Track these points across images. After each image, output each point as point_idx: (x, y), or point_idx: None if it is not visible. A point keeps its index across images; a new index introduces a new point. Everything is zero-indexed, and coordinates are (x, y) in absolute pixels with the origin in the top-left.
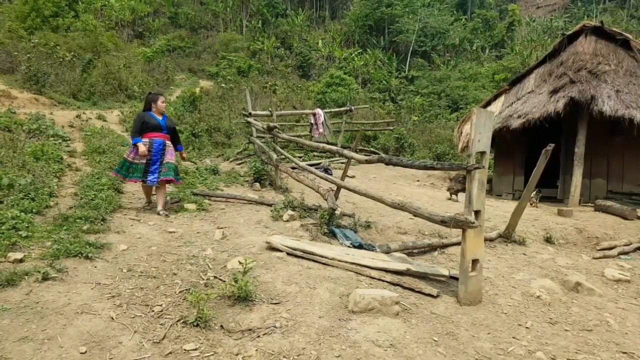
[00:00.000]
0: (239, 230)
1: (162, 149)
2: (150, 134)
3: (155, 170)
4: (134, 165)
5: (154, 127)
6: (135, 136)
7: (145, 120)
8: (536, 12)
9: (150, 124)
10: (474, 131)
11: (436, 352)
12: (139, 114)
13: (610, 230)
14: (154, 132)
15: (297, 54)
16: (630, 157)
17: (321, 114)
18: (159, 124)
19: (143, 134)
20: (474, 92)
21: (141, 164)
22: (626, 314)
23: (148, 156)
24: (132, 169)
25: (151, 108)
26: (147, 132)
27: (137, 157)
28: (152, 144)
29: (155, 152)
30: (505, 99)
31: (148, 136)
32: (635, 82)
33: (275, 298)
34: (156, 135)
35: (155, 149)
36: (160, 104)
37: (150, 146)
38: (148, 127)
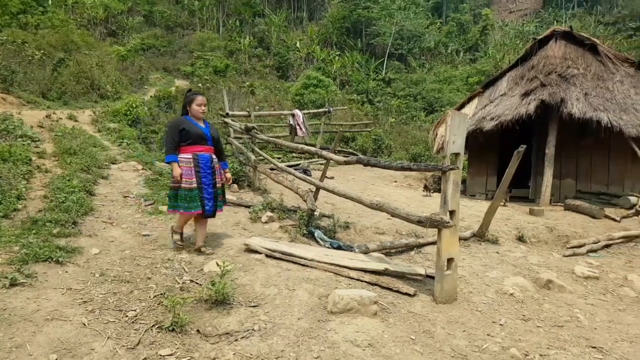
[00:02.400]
0: (216, 232)
1: (212, 166)
2: (193, 147)
3: (210, 196)
4: (189, 193)
5: (198, 138)
6: (170, 152)
7: (185, 128)
8: (508, 17)
9: (192, 133)
10: (449, 133)
11: (413, 351)
12: (173, 120)
13: (580, 229)
14: (198, 144)
15: (275, 54)
16: (598, 158)
17: (300, 115)
18: (203, 133)
19: (181, 148)
20: (448, 94)
21: (194, 188)
22: (595, 309)
23: (185, 182)
24: (189, 197)
25: (188, 111)
26: (188, 144)
27: (187, 179)
28: (197, 160)
29: (203, 171)
30: (478, 101)
31: (190, 150)
32: (602, 85)
33: (254, 301)
34: (201, 148)
35: (203, 167)
36: (196, 106)
37: (195, 164)
38: (189, 138)
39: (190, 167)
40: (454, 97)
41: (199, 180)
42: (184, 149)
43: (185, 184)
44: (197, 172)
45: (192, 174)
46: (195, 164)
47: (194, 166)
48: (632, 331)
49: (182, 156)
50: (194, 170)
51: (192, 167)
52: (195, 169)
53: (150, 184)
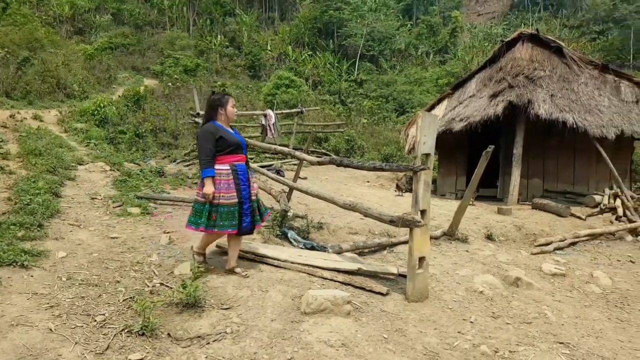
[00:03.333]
0: (187, 235)
1: (248, 177)
2: (230, 156)
3: (248, 211)
4: (228, 209)
5: (235, 146)
6: (209, 165)
7: (223, 136)
8: (477, 19)
9: (230, 142)
10: (420, 134)
11: (386, 349)
12: (205, 127)
13: (547, 227)
14: (235, 153)
15: (246, 53)
16: (564, 158)
17: (272, 116)
18: (239, 141)
19: (217, 158)
20: (419, 96)
21: (235, 204)
22: (562, 306)
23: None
24: (228, 214)
25: (216, 116)
26: (225, 154)
27: (226, 193)
28: (236, 172)
29: (243, 184)
30: (448, 102)
31: (227, 160)
32: (567, 87)
33: (226, 303)
34: (238, 158)
35: (242, 179)
36: (231, 108)
37: (234, 176)
38: (227, 147)
39: (229, 179)
40: (424, 99)
41: (240, 195)
42: (220, 160)
43: (223, 199)
44: (237, 185)
45: (232, 188)
46: (235, 176)
47: (233, 178)
48: (597, 326)
49: (219, 168)
50: (234, 183)
51: (232, 179)
52: (235, 181)
53: (119, 186)
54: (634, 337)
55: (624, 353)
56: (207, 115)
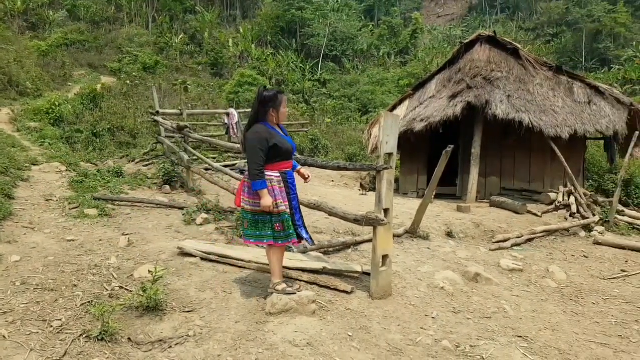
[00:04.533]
0: (147, 237)
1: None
2: (281, 163)
3: (301, 221)
4: (286, 216)
5: (288, 154)
6: (261, 176)
7: (277, 144)
8: (437, 21)
9: (283, 150)
10: (382, 134)
11: (351, 347)
12: (257, 130)
13: (504, 224)
14: (286, 160)
15: (208, 51)
16: (521, 157)
17: (235, 115)
18: (292, 148)
19: (267, 166)
20: (381, 96)
21: (284, 212)
22: (520, 300)
23: (276, 207)
24: (285, 222)
25: (267, 116)
26: (277, 161)
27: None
28: (286, 181)
29: (293, 192)
30: (409, 103)
31: (277, 168)
32: (524, 88)
33: (189, 306)
34: (288, 165)
35: (292, 187)
36: (284, 110)
37: (285, 184)
38: (280, 155)
39: (281, 187)
40: (386, 99)
41: (290, 204)
42: (270, 167)
43: (283, 206)
44: (288, 194)
45: (284, 196)
46: (285, 185)
47: (284, 187)
48: (553, 320)
49: (269, 174)
50: (285, 191)
51: (283, 187)
52: (286, 190)
53: (75, 186)
54: (588, 329)
55: (579, 345)
56: (256, 113)
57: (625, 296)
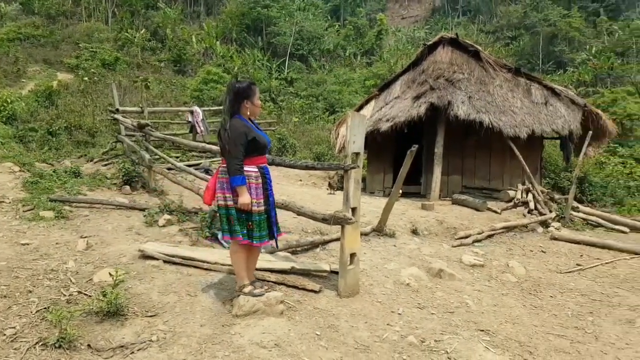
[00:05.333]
0: (106, 239)
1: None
2: (259, 158)
3: (275, 219)
4: (257, 217)
5: (265, 147)
6: (241, 171)
7: (256, 138)
8: (401, 23)
9: (262, 143)
10: (349, 133)
11: (319, 346)
12: (235, 125)
13: (466, 221)
14: (263, 155)
15: (170, 48)
16: (481, 156)
17: (199, 112)
18: (268, 142)
19: (245, 160)
20: (348, 96)
21: (262, 212)
22: (481, 295)
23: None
24: (257, 222)
25: (241, 109)
26: (255, 156)
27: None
28: (264, 176)
29: (270, 189)
30: (375, 103)
31: (255, 163)
32: (484, 89)
33: (151, 310)
34: (264, 160)
35: (269, 183)
36: (258, 101)
37: (263, 181)
38: (258, 149)
39: (258, 183)
40: (353, 99)
41: (267, 200)
42: (248, 162)
43: (255, 206)
44: (265, 191)
45: (261, 194)
46: (264, 180)
47: (262, 183)
48: (514, 313)
49: (247, 169)
50: (262, 187)
51: (261, 183)
52: (264, 186)
53: (30, 187)
54: (546, 322)
55: (538, 337)
56: (230, 107)
57: (580, 289)
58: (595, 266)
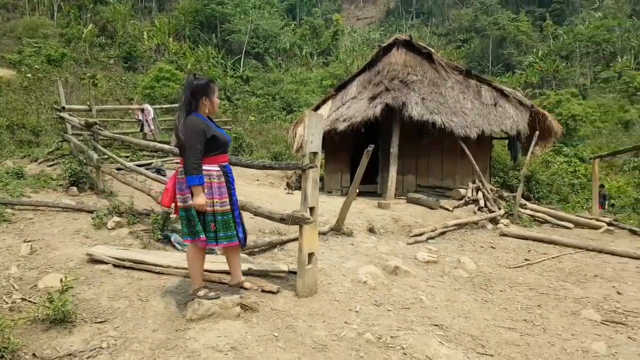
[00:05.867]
0: (52, 243)
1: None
2: (220, 157)
3: (239, 219)
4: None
5: (225, 145)
6: (199, 171)
7: (216, 135)
8: (357, 24)
9: (222, 140)
10: (307, 133)
11: (276, 348)
12: (191, 120)
13: (420, 219)
14: (224, 153)
15: (121, 44)
16: (434, 155)
17: (150, 110)
18: (228, 140)
19: (205, 159)
20: (305, 95)
21: (228, 211)
22: (435, 290)
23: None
24: (220, 223)
25: (199, 106)
26: (216, 154)
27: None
28: (227, 174)
29: (232, 187)
30: (332, 103)
31: (217, 161)
32: (437, 91)
33: (101, 316)
34: (226, 158)
35: (232, 182)
36: (217, 99)
37: (226, 179)
38: (219, 147)
39: (220, 182)
40: (310, 99)
41: (231, 199)
42: (209, 160)
43: (219, 205)
44: (228, 190)
45: (225, 192)
46: (226, 179)
47: (225, 181)
48: (466, 307)
49: (208, 169)
50: (226, 186)
51: (223, 182)
52: (227, 185)
53: None
54: (497, 315)
55: (490, 330)
56: (187, 104)
57: (528, 283)
58: (542, 261)
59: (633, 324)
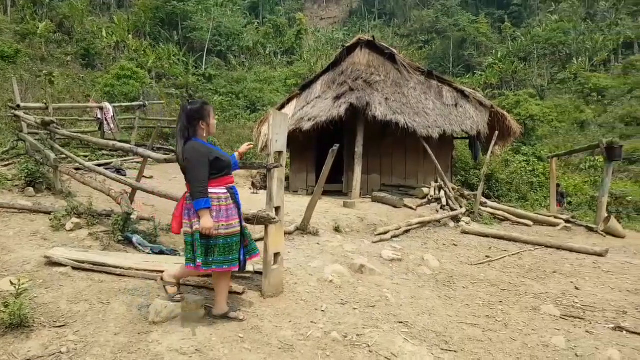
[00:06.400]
0: (8, 245)
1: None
2: (226, 178)
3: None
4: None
5: (230, 166)
6: (205, 194)
7: (219, 157)
8: (320, 23)
9: (225, 162)
10: (272, 132)
11: (242, 349)
12: (194, 146)
13: (385, 218)
14: (229, 175)
15: (78, 40)
16: (398, 155)
17: (110, 109)
18: (232, 161)
19: (210, 182)
20: (269, 94)
21: (237, 233)
22: (400, 288)
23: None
24: (228, 246)
25: (197, 131)
26: (221, 176)
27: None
28: (234, 196)
29: (240, 208)
30: (297, 102)
31: (224, 183)
32: (399, 91)
33: (60, 320)
34: (231, 179)
35: (239, 203)
36: (214, 121)
37: (233, 199)
38: (223, 168)
39: (228, 205)
40: (274, 97)
41: (240, 220)
42: (215, 183)
43: (223, 229)
44: (238, 210)
45: (234, 215)
46: (234, 200)
47: (233, 202)
48: (430, 304)
49: (216, 192)
50: (235, 208)
51: (232, 204)
52: (236, 206)
53: None
54: (460, 312)
55: (453, 326)
56: (184, 129)
57: (490, 279)
58: (503, 258)
59: (590, 318)
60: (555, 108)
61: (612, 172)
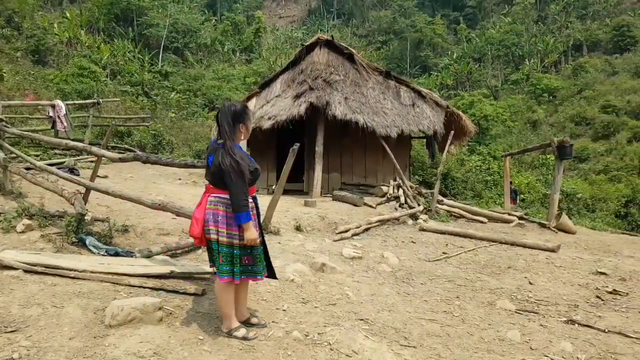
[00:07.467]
0: None
1: None
2: (253, 188)
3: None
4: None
5: (259, 176)
6: (247, 207)
7: (258, 169)
8: (279, 22)
9: (259, 171)
10: None
11: (202, 351)
12: (240, 156)
13: (345, 216)
14: (255, 183)
15: (29, 36)
16: (357, 154)
17: (62, 107)
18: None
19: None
20: (228, 92)
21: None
22: (361, 285)
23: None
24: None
25: (236, 134)
26: (252, 185)
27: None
28: (257, 207)
29: (259, 217)
30: (256, 101)
31: (252, 192)
32: (359, 91)
33: (11, 325)
34: (255, 188)
35: (259, 214)
36: (251, 125)
37: (257, 212)
38: (255, 178)
39: (254, 215)
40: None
41: (261, 232)
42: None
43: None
44: (258, 222)
45: (257, 224)
46: (257, 210)
47: (256, 214)
48: (389, 301)
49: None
50: (257, 219)
51: (256, 215)
52: (257, 218)
53: None
54: (419, 308)
55: (412, 322)
56: (228, 131)
57: (447, 275)
58: (459, 254)
59: (544, 312)
60: (508, 108)
61: (563, 170)
